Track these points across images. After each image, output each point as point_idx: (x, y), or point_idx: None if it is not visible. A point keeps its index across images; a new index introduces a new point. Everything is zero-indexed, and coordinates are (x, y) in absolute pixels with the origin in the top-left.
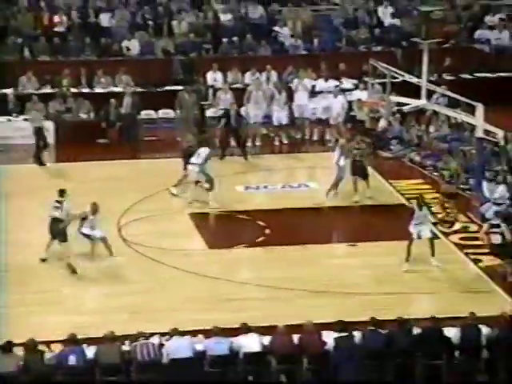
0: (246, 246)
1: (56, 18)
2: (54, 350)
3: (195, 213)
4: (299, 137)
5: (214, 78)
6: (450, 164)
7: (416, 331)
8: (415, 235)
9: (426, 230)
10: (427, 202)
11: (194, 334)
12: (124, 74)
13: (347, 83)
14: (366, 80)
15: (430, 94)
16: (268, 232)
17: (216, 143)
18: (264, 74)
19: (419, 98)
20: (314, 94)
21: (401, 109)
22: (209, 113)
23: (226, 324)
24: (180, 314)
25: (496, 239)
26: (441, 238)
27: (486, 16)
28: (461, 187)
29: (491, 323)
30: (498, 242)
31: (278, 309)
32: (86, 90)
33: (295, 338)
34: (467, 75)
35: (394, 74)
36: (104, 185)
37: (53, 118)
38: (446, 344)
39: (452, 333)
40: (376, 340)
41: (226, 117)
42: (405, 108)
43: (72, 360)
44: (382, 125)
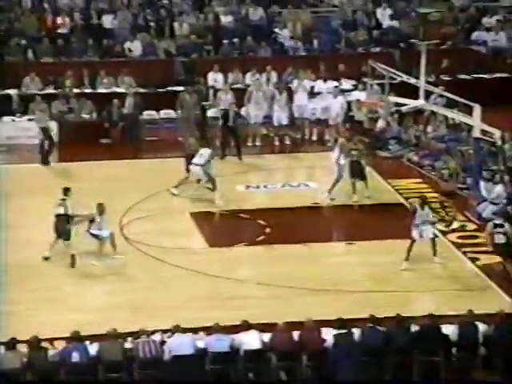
0: (247, 245)
1: (59, 20)
2: (58, 347)
3: (196, 212)
4: (299, 137)
5: (214, 78)
6: (449, 163)
7: (414, 328)
8: (418, 235)
9: (428, 230)
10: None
11: (196, 331)
12: (126, 74)
13: (346, 84)
14: (365, 81)
15: (427, 94)
16: (268, 231)
17: (217, 143)
18: (264, 75)
19: (417, 99)
20: (313, 94)
21: (399, 109)
22: (210, 113)
23: (226, 321)
24: (181, 311)
25: (500, 239)
26: (439, 236)
27: (482, 18)
28: (459, 186)
29: (488, 321)
30: (502, 242)
31: (278, 306)
32: (88, 91)
33: (295, 335)
34: (464, 76)
35: (392, 75)
36: (106, 184)
37: (56, 118)
38: (443, 341)
39: (450, 330)
40: (375, 337)
41: (225, 117)
42: (403, 108)
43: (75, 357)
44: (381, 125)
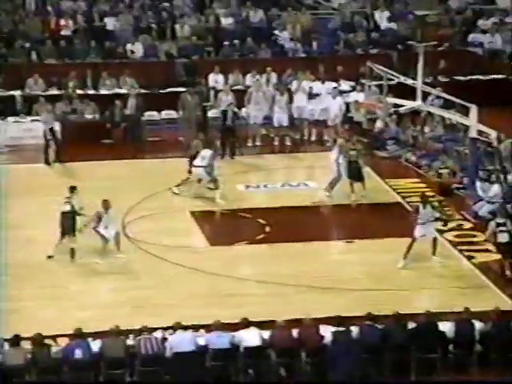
0: (247, 244)
1: (62, 22)
2: (61, 344)
3: (197, 211)
4: (298, 137)
5: (215, 79)
6: (448, 163)
7: (411, 326)
8: (420, 234)
9: (431, 230)
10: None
11: (196, 328)
12: (128, 76)
13: (345, 85)
14: (363, 82)
15: (425, 95)
16: (268, 230)
17: (217, 144)
18: (264, 76)
19: (415, 100)
20: (312, 95)
21: (397, 110)
22: (210, 114)
23: (226, 319)
24: (182, 309)
25: (503, 237)
26: (438, 237)
27: (479, 20)
28: (456, 186)
29: (484, 318)
30: (505, 241)
31: (278, 304)
32: (91, 92)
33: (294, 333)
34: (461, 77)
35: (390, 76)
36: (108, 184)
37: (59, 118)
38: (440, 338)
39: (446, 327)
40: (372, 334)
41: (223, 117)
42: (401, 109)
43: (78, 354)
44: (379, 126)
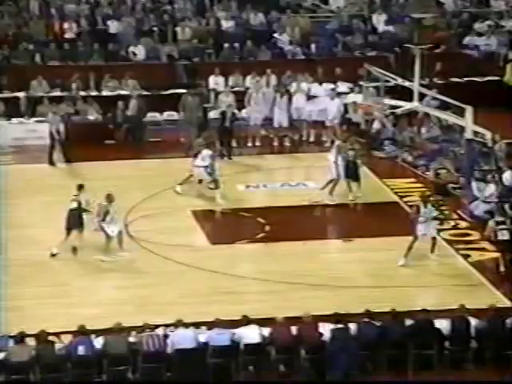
0: (247, 242)
1: (66, 25)
2: (64, 341)
3: (197, 210)
4: (297, 138)
5: (215, 81)
6: (444, 163)
7: (408, 323)
8: (421, 234)
9: (431, 229)
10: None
11: (197, 325)
12: (130, 78)
13: (343, 87)
14: (361, 83)
15: (421, 96)
16: (268, 228)
17: (217, 144)
18: (264, 78)
19: (411, 101)
20: (311, 97)
21: (394, 111)
22: (211, 115)
23: (227, 316)
24: (184, 306)
25: (503, 235)
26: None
27: (474, 23)
28: (452, 186)
29: (480, 315)
30: (506, 238)
31: (277, 301)
32: (94, 93)
33: (293, 330)
34: (457, 79)
35: (387, 78)
36: (111, 183)
37: (62, 119)
38: (436, 335)
39: (443, 324)
40: (370, 331)
41: (222, 118)
42: (398, 110)
43: (81, 350)
44: (376, 126)
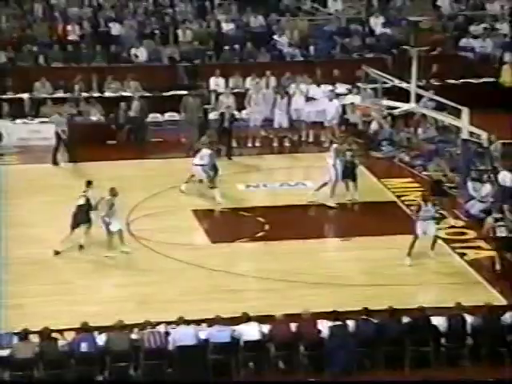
0: (247, 241)
1: (69, 28)
2: (67, 338)
3: (198, 209)
4: (296, 138)
5: (216, 83)
6: (441, 166)
7: (405, 320)
8: (422, 232)
9: (431, 227)
10: (414, 199)
11: (198, 322)
12: (132, 79)
13: (341, 88)
14: (359, 85)
15: (418, 98)
16: (267, 227)
17: (217, 144)
18: (263, 80)
19: (408, 102)
20: (310, 98)
21: (391, 112)
22: (211, 115)
23: (227, 313)
24: (184, 304)
25: (502, 231)
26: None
27: (470, 26)
28: (448, 185)
29: (475, 312)
30: (504, 235)
31: (277, 299)
32: (96, 95)
33: (293, 327)
34: (453, 81)
35: (384, 80)
36: (113, 183)
37: (67, 120)
38: (433, 332)
39: (439, 321)
40: (368, 328)
41: (221, 119)
42: (395, 111)
43: (84, 347)
44: (374, 127)
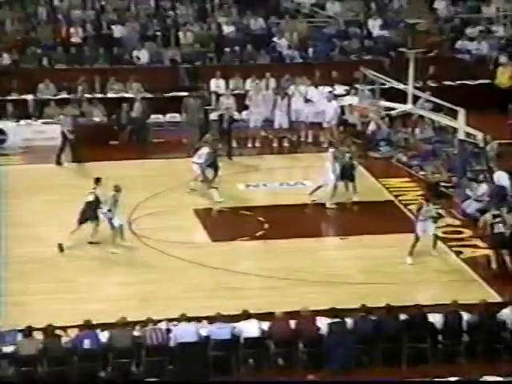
0: (247, 240)
1: (72, 30)
2: (71, 335)
3: (199, 209)
4: (296, 139)
5: (217, 84)
6: (439, 168)
7: (403, 317)
8: (422, 231)
9: (431, 226)
10: (411, 199)
11: (199, 320)
12: (134, 81)
13: (339, 89)
14: (357, 86)
15: (415, 99)
16: (267, 226)
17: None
18: (263, 81)
19: (406, 103)
20: (309, 99)
21: (389, 113)
22: (212, 116)
23: (227, 311)
24: (185, 301)
25: (499, 228)
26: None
27: (466, 28)
28: (445, 185)
29: (472, 310)
30: (502, 231)
31: (276, 297)
32: (99, 96)
33: (292, 324)
34: (449, 82)
35: (382, 81)
36: (116, 183)
37: (73, 121)
38: (430, 329)
39: (436, 319)
40: (366, 326)
41: (220, 120)
42: (392, 112)
43: (87, 344)
44: (372, 128)
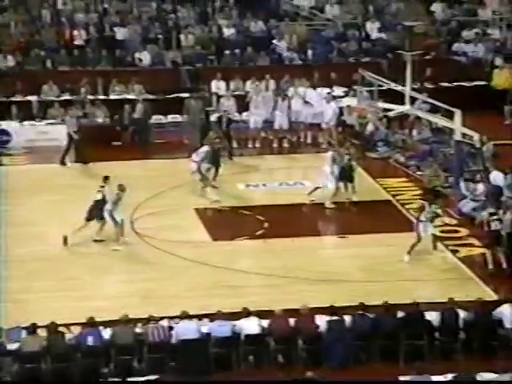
0: (247, 239)
1: (75, 33)
2: (74, 332)
3: (200, 208)
4: (295, 140)
5: (217, 86)
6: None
7: (400, 315)
8: (423, 232)
9: (431, 227)
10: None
11: (200, 317)
12: (136, 82)
13: (338, 91)
14: (355, 88)
15: (413, 100)
16: (266, 226)
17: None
18: (263, 83)
19: (403, 104)
20: (307, 101)
21: (387, 114)
22: (213, 117)
23: (228, 308)
24: (186, 299)
25: (496, 225)
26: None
27: (462, 31)
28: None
29: (468, 307)
30: (498, 228)
31: (276, 295)
32: (102, 97)
33: (291, 321)
34: (446, 84)
35: (380, 83)
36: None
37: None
38: (427, 326)
39: (432, 316)
40: (364, 323)
41: (219, 122)
42: (390, 113)
43: (90, 341)
44: (370, 128)
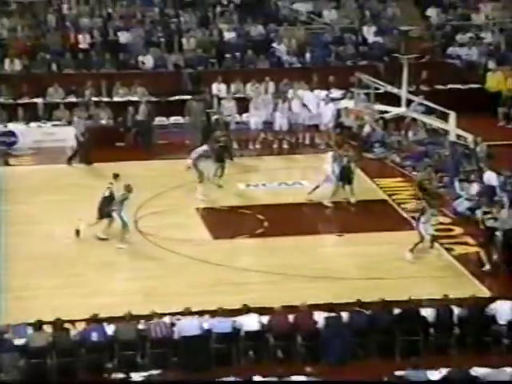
0: (247, 237)
1: (80, 37)
2: (79, 328)
3: (201, 207)
4: (294, 141)
5: (218, 88)
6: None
7: (396, 311)
8: (424, 232)
9: (431, 228)
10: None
11: (201, 314)
12: (139, 85)
13: (336, 93)
14: (353, 90)
15: (408, 102)
16: (266, 224)
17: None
18: (263, 85)
19: (399, 107)
20: (305, 104)
21: (383, 116)
22: (214, 119)
23: (228, 305)
24: (188, 296)
25: (491, 223)
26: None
27: (457, 35)
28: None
29: (462, 304)
30: (493, 226)
31: (275, 292)
32: (106, 99)
33: (290, 318)
34: (441, 86)
35: (377, 86)
36: (122, 183)
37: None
38: (422, 322)
39: (428, 312)
40: (361, 319)
41: (217, 124)
42: (387, 115)
43: (94, 337)
44: (367, 130)
